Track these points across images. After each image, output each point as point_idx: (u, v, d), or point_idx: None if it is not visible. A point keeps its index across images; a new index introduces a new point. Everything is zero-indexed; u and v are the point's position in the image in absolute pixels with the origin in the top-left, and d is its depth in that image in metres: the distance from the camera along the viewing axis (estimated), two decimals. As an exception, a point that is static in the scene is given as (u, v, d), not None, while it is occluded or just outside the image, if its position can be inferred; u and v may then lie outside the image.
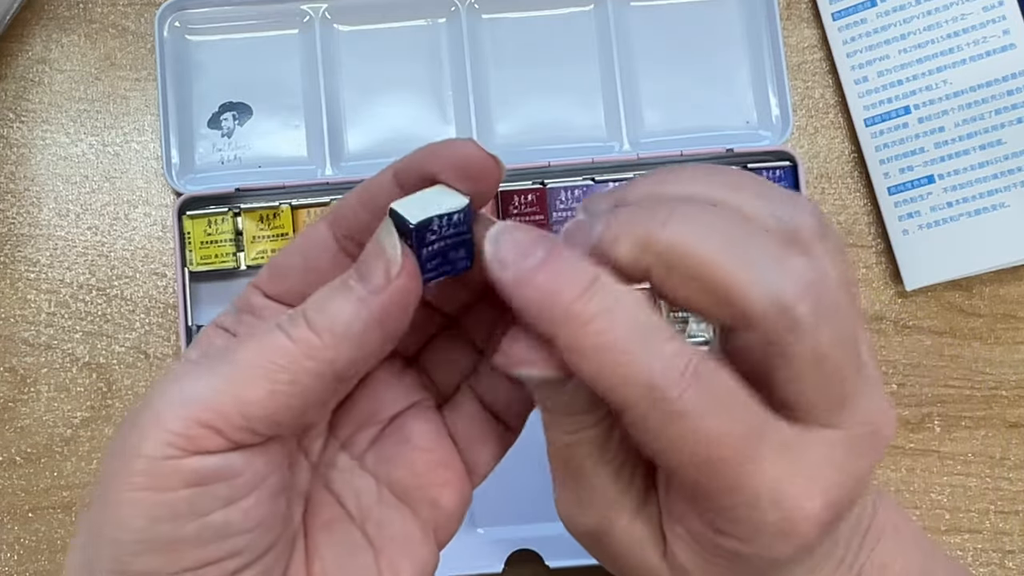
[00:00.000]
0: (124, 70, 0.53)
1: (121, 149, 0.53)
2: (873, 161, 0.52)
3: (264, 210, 0.50)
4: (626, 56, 0.52)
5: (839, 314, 0.24)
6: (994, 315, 0.52)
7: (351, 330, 0.24)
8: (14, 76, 0.53)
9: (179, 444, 0.23)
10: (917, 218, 0.52)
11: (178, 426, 0.24)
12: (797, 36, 0.54)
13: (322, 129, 0.52)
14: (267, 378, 0.24)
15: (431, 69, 0.53)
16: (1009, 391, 0.52)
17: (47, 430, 0.50)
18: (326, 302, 0.25)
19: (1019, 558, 0.51)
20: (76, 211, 0.52)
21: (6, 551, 0.50)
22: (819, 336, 0.24)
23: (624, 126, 0.52)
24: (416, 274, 0.25)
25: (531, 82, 0.53)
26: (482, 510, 0.49)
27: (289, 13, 0.52)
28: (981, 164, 0.51)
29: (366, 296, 0.24)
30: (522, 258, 0.24)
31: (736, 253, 0.24)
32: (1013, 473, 0.51)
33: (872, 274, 0.53)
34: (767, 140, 0.52)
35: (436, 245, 0.25)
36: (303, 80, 0.52)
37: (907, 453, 0.51)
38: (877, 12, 0.53)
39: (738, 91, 0.53)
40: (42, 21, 0.53)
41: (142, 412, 0.24)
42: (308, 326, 0.24)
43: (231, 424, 0.24)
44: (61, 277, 0.52)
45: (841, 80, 0.53)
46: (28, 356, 0.51)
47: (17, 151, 0.53)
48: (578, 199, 0.51)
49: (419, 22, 0.53)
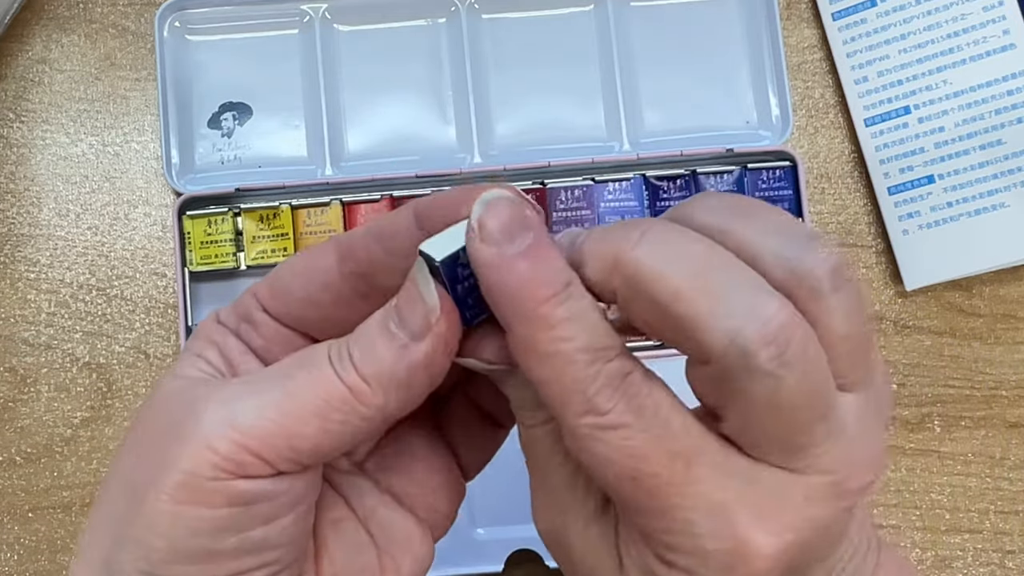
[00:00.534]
0: (124, 70, 0.53)
1: (121, 149, 0.53)
2: (873, 161, 0.52)
3: (264, 210, 0.50)
4: (626, 56, 0.52)
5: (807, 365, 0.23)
6: (994, 315, 0.52)
7: (397, 378, 0.24)
8: (14, 76, 0.53)
9: (227, 468, 0.24)
10: (917, 218, 0.52)
11: (228, 450, 0.24)
12: (797, 36, 0.54)
13: (322, 129, 0.52)
14: (320, 416, 0.24)
15: (431, 69, 0.53)
16: (1009, 391, 0.52)
17: (47, 430, 0.50)
18: (371, 347, 0.24)
19: (1019, 558, 0.51)
20: (76, 211, 0.52)
21: (6, 551, 0.50)
22: (779, 385, 0.22)
23: (624, 126, 0.52)
24: (455, 318, 0.24)
25: (531, 82, 0.53)
26: (482, 510, 0.49)
27: (289, 13, 0.52)
28: (981, 164, 0.51)
29: (408, 343, 0.24)
30: (508, 239, 0.23)
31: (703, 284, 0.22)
32: (1013, 473, 0.51)
33: (872, 274, 0.53)
34: (767, 140, 0.52)
35: (470, 281, 0.24)
36: (303, 80, 0.52)
37: (907, 453, 0.51)
38: (877, 12, 0.53)
39: (738, 91, 0.53)
40: (42, 21, 0.53)
41: (186, 423, 0.24)
42: (356, 371, 0.24)
43: (279, 455, 0.24)
44: (61, 277, 0.52)
45: (841, 80, 0.53)
46: (28, 356, 0.51)
47: (17, 151, 0.53)
48: (578, 199, 0.51)
49: (419, 22, 0.53)
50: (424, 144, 0.52)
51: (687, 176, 0.51)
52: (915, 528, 0.51)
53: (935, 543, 0.51)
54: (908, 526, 0.51)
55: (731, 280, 0.23)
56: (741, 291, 0.23)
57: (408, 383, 0.24)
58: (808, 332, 0.23)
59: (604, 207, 0.51)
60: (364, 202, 0.50)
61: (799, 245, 0.24)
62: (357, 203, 0.50)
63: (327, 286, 0.27)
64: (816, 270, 0.23)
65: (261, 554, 0.25)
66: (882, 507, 0.51)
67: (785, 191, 0.51)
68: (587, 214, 0.51)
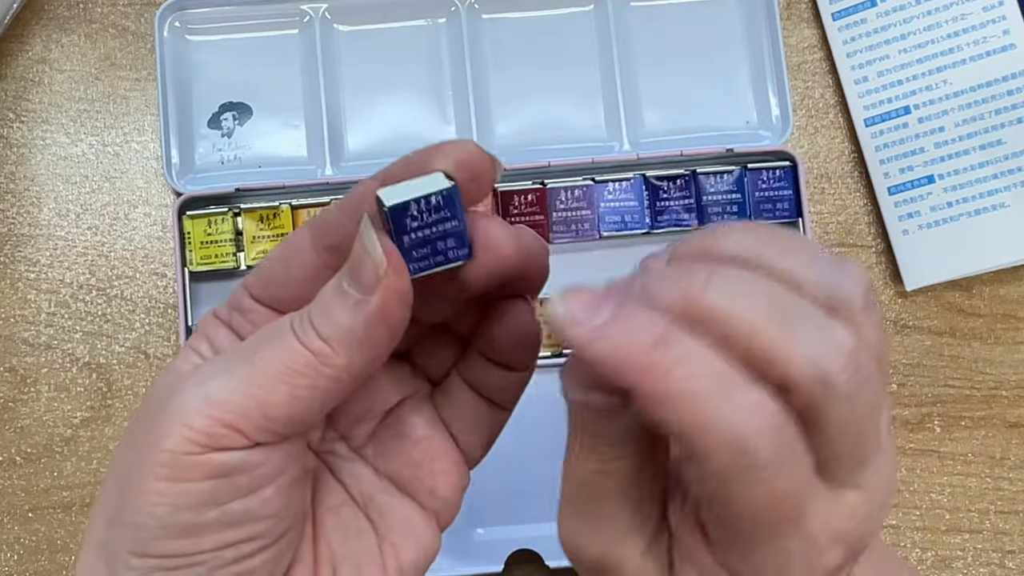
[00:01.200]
0: (124, 70, 0.53)
1: (121, 149, 0.53)
2: (873, 161, 0.52)
3: (264, 210, 0.50)
4: (626, 56, 0.52)
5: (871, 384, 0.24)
6: (994, 315, 0.52)
7: (355, 335, 0.25)
8: (14, 76, 0.53)
9: (202, 442, 0.25)
10: (917, 218, 0.52)
11: (202, 424, 0.25)
12: (797, 36, 0.54)
13: (322, 129, 0.52)
14: (288, 383, 0.25)
15: (431, 69, 0.53)
16: (1009, 391, 0.52)
17: (47, 430, 0.50)
18: (327, 308, 0.25)
19: (1019, 558, 0.51)
20: (76, 211, 0.52)
21: (6, 551, 0.50)
22: (853, 404, 0.24)
23: (624, 126, 0.52)
24: (403, 267, 0.25)
25: (531, 82, 0.53)
26: (482, 510, 0.49)
27: (289, 13, 0.52)
28: (981, 164, 0.51)
29: (361, 299, 0.25)
30: (593, 315, 0.24)
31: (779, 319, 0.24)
32: (1013, 473, 0.51)
33: (872, 274, 0.53)
34: (767, 140, 0.52)
35: (420, 233, 0.25)
36: (303, 80, 0.52)
37: (907, 453, 0.51)
38: (877, 12, 0.53)
39: (738, 91, 0.53)
40: (42, 21, 0.53)
41: (165, 406, 0.25)
42: (317, 334, 0.25)
43: (253, 425, 0.25)
44: (61, 277, 0.52)
45: (841, 80, 0.53)
46: (28, 356, 0.51)
47: (17, 151, 0.53)
48: (578, 199, 0.51)
49: (419, 22, 0.53)
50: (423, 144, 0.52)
51: (687, 176, 0.51)
52: (915, 528, 0.51)
53: (935, 543, 0.51)
54: (908, 526, 0.51)
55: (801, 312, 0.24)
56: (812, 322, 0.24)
57: (367, 339, 0.25)
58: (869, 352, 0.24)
59: (604, 207, 0.51)
60: (364, 202, 0.50)
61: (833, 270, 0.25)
62: (357, 203, 0.50)
63: (304, 264, 0.27)
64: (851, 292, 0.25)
65: (244, 527, 0.25)
66: (882, 507, 0.51)
67: (785, 191, 0.51)
68: (587, 214, 0.51)
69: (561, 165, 0.51)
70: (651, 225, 0.51)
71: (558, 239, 0.51)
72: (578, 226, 0.51)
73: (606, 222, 0.51)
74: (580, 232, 0.51)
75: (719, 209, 0.51)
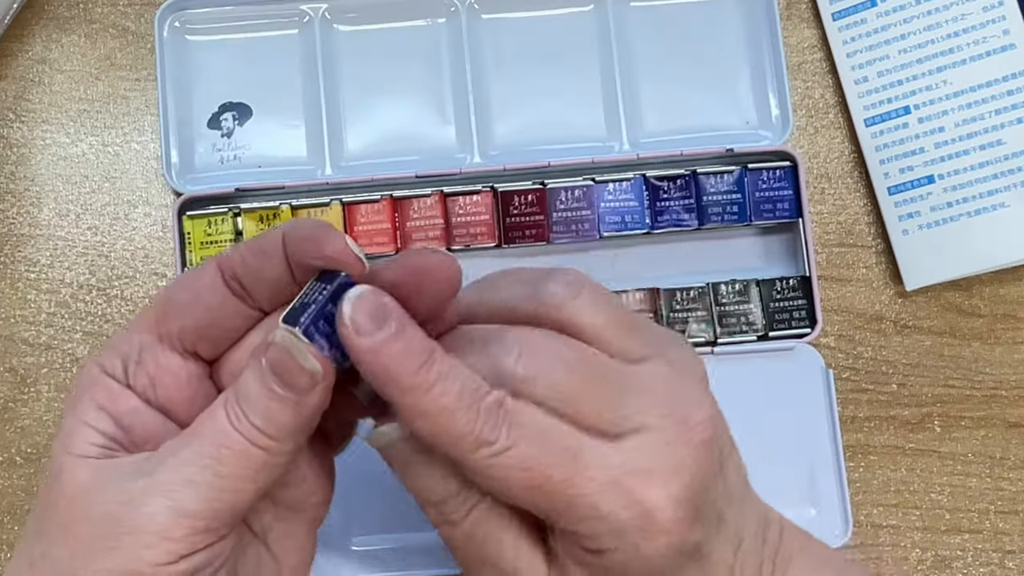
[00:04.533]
0: (124, 70, 0.53)
1: (121, 149, 0.53)
2: (873, 161, 0.52)
3: (264, 210, 0.50)
4: (626, 56, 0.52)
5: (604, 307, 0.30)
6: (994, 315, 0.52)
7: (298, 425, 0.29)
8: (14, 76, 0.53)
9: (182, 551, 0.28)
10: (917, 218, 0.52)
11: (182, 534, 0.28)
12: (797, 36, 0.54)
13: (322, 129, 0.52)
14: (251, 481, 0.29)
15: (431, 69, 0.53)
16: (1009, 391, 0.52)
17: (47, 430, 0.51)
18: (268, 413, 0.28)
19: (1019, 558, 0.51)
20: (76, 211, 0.52)
21: (6, 551, 0.50)
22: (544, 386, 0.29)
23: (624, 126, 0.52)
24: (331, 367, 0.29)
25: (531, 82, 0.53)
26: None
27: (289, 13, 0.52)
28: (981, 164, 0.51)
29: (298, 400, 0.28)
30: (377, 328, 0.27)
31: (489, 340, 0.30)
32: (1013, 473, 0.51)
33: (872, 274, 0.53)
34: (767, 140, 0.52)
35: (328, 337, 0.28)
36: (303, 80, 0.52)
37: (907, 453, 0.51)
38: (877, 12, 0.53)
39: (738, 91, 0.53)
40: (42, 21, 0.53)
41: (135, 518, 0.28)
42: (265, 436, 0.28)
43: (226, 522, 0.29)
44: (61, 277, 0.52)
45: (841, 80, 0.53)
46: (28, 356, 0.51)
47: (17, 151, 0.53)
48: (578, 199, 0.51)
49: (419, 22, 0.53)
50: (424, 144, 0.52)
51: (687, 176, 0.51)
52: (915, 528, 0.51)
53: (935, 543, 0.51)
54: (908, 526, 0.51)
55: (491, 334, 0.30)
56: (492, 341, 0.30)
57: (308, 423, 0.29)
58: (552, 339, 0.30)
59: (604, 207, 0.51)
60: (364, 202, 0.50)
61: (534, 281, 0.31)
62: (357, 203, 0.50)
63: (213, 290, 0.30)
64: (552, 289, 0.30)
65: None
66: (882, 507, 0.51)
67: (785, 191, 0.51)
68: (587, 214, 0.51)
69: (561, 165, 0.51)
70: (651, 225, 0.51)
71: (558, 239, 0.51)
72: (578, 226, 0.51)
73: (606, 222, 0.51)
74: (580, 232, 0.51)
75: (719, 209, 0.51)
